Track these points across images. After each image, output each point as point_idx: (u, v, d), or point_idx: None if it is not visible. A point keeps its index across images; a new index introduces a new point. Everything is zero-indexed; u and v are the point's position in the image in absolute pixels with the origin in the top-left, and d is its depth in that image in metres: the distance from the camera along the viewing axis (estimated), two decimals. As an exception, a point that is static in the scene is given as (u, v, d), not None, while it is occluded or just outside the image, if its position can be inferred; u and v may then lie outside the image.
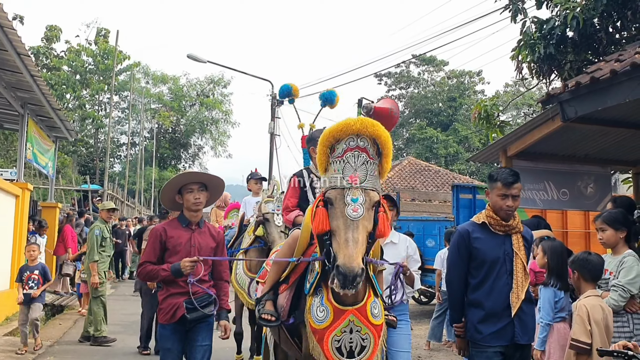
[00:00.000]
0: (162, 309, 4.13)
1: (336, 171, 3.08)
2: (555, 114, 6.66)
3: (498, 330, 3.61)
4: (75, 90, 30.61)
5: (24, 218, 10.01)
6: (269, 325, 3.70)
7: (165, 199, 4.35)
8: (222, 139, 43.33)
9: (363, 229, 3.00)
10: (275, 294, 3.77)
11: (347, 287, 2.85)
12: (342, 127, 3.07)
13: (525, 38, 9.09)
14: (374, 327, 3.27)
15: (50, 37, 29.11)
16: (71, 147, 30.27)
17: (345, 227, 2.96)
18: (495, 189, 3.71)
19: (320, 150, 3.17)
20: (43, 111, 11.00)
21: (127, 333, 8.56)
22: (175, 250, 4.07)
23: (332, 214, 3.06)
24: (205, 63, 19.82)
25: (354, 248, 2.91)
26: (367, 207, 3.03)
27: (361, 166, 3.06)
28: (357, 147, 3.08)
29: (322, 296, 3.28)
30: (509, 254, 3.68)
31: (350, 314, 3.21)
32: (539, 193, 8.50)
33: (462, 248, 3.77)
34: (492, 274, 3.66)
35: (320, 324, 3.22)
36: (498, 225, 3.71)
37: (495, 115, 10.07)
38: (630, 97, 5.16)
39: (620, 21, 8.47)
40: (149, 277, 4.29)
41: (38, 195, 17.25)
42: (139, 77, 40.03)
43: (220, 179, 4.38)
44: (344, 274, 2.83)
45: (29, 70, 8.70)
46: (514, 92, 34.54)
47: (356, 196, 3.01)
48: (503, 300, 3.63)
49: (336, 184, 3.07)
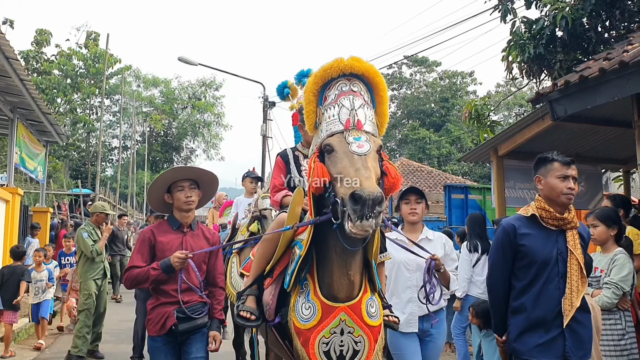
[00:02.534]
0: (150, 320, 3.71)
1: (331, 117, 2.70)
2: (545, 113, 6.69)
3: (545, 342, 3.09)
4: (66, 94, 30.40)
5: (15, 223, 9.93)
6: (248, 325, 3.20)
7: (152, 199, 3.88)
8: (215, 141, 43.23)
9: (373, 169, 2.54)
10: (260, 289, 3.28)
11: (366, 216, 2.32)
12: (332, 64, 2.71)
13: (515, 38, 9.14)
14: (369, 328, 2.81)
15: (41, 41, 28.93)
16: (63, 152, 30.07)
17: (352, 163, 2.51)
18: (552, 171, 3.21)
19: (307, 100, 2.81)
20: (33, 115, 10.94)
21: (118, 341, 8.18)
22: (164, 256, 3.62)
23: (335, 160, 2.61)
24: (196, 66, 19.77)
25: (369, 174, 2.46)
26: (373, 147, 2.62)
27: (358, 109, 2.69)
28: (351, 92, 2.72)
29: (308, 291, 2.83)
30: (563, 253, 3.16)
31: (341, 311, 2.76)
32: (530, 192, 8.55)
33: (506, 246, 3.25)
34: (542, 277, 3.14)
35: (305, 323, 2.78)
36: (551, 218, 3.20)
37: (486, 115, 10.13)
38: (619, 95, 5.18)
39: (609, 20, 8.53)
40: (137, 282, 3.68)
41: (29, 200, 17.12)
42: (130, 81, 39.87)
43: (213, 174, 3.95)
44: (362, 198, 2.30)
45: (18, 75, 8.66)
46: (505, 92, 34.67)
47: (358, 135, 2.62)
48: (553, 308, 3.10)
49: (333, 129, 2.68)
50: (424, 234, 4.15)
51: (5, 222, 9.62)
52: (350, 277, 2.78)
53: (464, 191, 11.79)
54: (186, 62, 19.30)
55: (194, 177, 3.82)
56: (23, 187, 14.81)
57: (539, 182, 3.30)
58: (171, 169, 3.94)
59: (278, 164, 4.04)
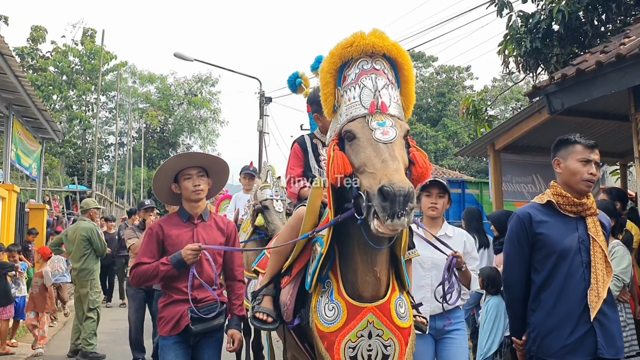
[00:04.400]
0: (162, 319, 3.42)
1: (351, 100, 2.39)
2: (542, 107, 6.69)
3: (575, 341, 2.79)
4: (62, 91, 30.37)
5: (11, 220, 9.91)
6: (264, 328, 2.96)
7: (158, 189, 3.58)
8: (211, 137, 43.15)
9: (400, 155, 2.26)
10: (276, 288, 3.03)
11: (396, 214, 2.04)
12: (351, 41, 2.40)
13: (511, 32, 9.13)
14: (399, 330, 2.53)
15: (36, 38, 28.87)
16: (59, 149, 30.01)
17: (378, 153, 2.22)
18: (574, 154, 2.96)
19: (324, 81, 2.48)
20: (29, 112, 10.89)
21: (117, 344, 7.93)
22: (175, 251, 3.35)
23: (357, 149, 2.31)
24: (192, 61, 19.75)
25: (397, 165, 2.18)
26: (399, 132, 2.32)
27: (382, 90, 2.37)
28: (373, 70, 2.40)
29: (331, 290, 2.56)
30: (585, 241, 2.89)
31: (368, 312, 2.48)
32: (527, 186, 8.57)
33: (521, 236, 2.99)
34: (563, 268, 2.87)
35: (329, 325, 2.50)
36: (569, 204, 2.94)
37: (483, 110, 10.13)
38: (615, 89, 5.18)
39: (605, 14, 8.52)
40: (146, 279, 3.39)
41: (26, 198, 17.07)
42: (125, 77, 39.74)
43: (223, 161, 3.63)
44: (392, 193, 2.03)
45: (13, 71, 8.62)
46: (502, 86, 34.67)
47: (383, 120, 2.31)
48: (579, 301, 2.82)
49: (355, 113, 2.37)
50: (444, 229, 3.89)
51: (2, 219, 9.58)
52: (376, 273, 2.52)
53: (460, 186, 11.80)
54: (182, 58, 19.26)
55: (202, 164, 3.52)
56: (19, 184, 14.75)
57: (557, 165, 3.03)
58: (177, 155, 3.61)
59: (295, 152, 3.71)
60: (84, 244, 7.33)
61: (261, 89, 20.18)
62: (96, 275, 7.47)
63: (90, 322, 7.20)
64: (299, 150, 3.68)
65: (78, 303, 7.37)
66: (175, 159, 3.54)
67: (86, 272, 7.31)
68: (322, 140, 3.58)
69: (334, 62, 2.43)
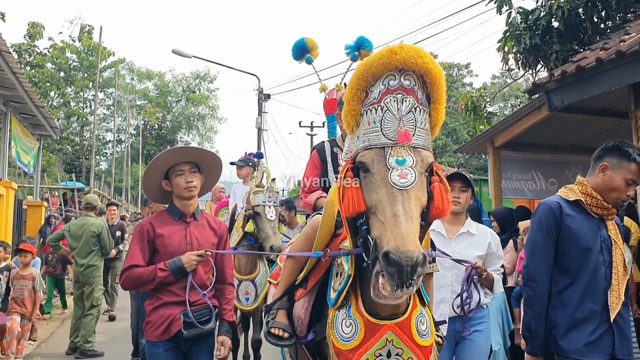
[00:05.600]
0: (150, 323, 3.18)
1: (370, 124, 2.15)
2: (541, 104, 6.68)
3: (595, 340, 2.75)
4: (60, 88, 30.31)
5: (9, 218, 9.88)
6: (281, 345, 2.76)
7: (148, 187, 3.38)
8: (209, 134, 43.17)
9: (416, 202, 2.07)
10: (290, 301, 2.85)
11: (404, 284, 1.90)
12: (382, 55, 2.12)
13: (510, 29, 9.13)
14: (420, 349, 2.37)
15: (33, 34, 28.75)
16: (56, 146, 29.96)
17: (391, 200, 2.03)
18: (626, 171, 2.83)
19: (350, 96, 2.21)
20: (26, 109, 10.85)
21: (115, 342, 7.82)
22: (167, 251, 3.18)
23: (370, 185, 2.13)
24: (190, 58, 19.73)
25: (408, 225, 1.98)
26: (420, 170, 2.11)
27: (407, 115, 2.12)
28: (401, 88, 2.13)
29: (349, 305, 2.40)
30: (607, 241, 2.85)
31: (387, 330, 2.32)
32: (527, 183, 8.56)
33: (551, 227, 2.85)
34: (589, 265, 2.81)
35: (346, 343, 2.34)
36: (596, 206, 2.87)
37: (482, 107, 10.13)
38: (615, 86, 5.17)
39: (605, 11, 8.52)
40: (140, 283, 3.16)
41: (24, 195, 17.03)
42: (123, 74, 39.72)
43: (216, 156, 3.44)
44: (398, 263, 1.88)
45: (10, 68, 8.57)
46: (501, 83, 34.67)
47: (403, 157, 2.09)
48: (601, 300, 2.79)
49: (372, 141, 2.13)
50: (466, 226, 3.66)
51: (0, 216, 9.56)
52: None
53: (459, 183, 11.81)
54: (180, 54, 19.23)
55: (195, 159, 3.32)
56: (16, 181, 14.72)
57: (602, 169, 2.88)
58: (168, 151, 3.34)
59: (313, 160, 3.52)
60: (92, 240, 7.27)
61: (260, 86, 20.17)
62: (101, 272, 7.48)
63: (90, 319, 7.17)
64: (317, 159, 3.51)
65: (79, 301, 7.30)
66: (167, 153, 3.30)
67: (93, 269, 7.27)
68: (342, 148, 3.35)
69: (364, 77, 2.17)
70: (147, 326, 3.21)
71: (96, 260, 7.32)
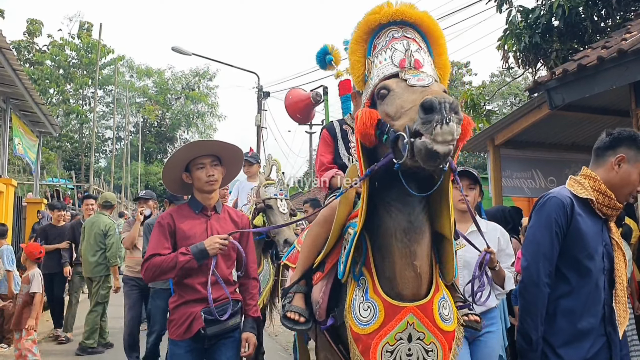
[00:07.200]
0: (173, 321, 3.14)
1: (382, 62, 2.24)
2: (542, 102, 6.68)
3: (593, 355, 2.47)
4: (59, 85, 30.25)
5: (9, 214, 9.88)
6: (296, 329, 2.64)
7: (168, 180, 3.34)
8: (209, 132, 43.08)
9: None
10: (308, 284, 2.74)
11: (445, 119, 1.80)
12: (379, 9, 2.29)
13: (511, 27, 9.13)
14: (443, 334, 2.26)
15: (32, 31, 28.73)
16: (56, 143, 29.92)
17: (416, 95, 2.01)
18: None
19: (352, 49, 2.35)
20: (26, 106, 10.86)
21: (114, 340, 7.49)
22: (187, 245, 3.11)
23: (390, 99, 2.11)
24: (190, 56, 19.69)
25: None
26: (437, 82, 2.18)
27: (415, 53, 2.22)
28: (404, 37, 2.25)
29: (366, 287, 2.30)
30: (608, 246, 2.55)
31: (408, 313, 2.21)
32: (527, 181, 8.58)
33: (560, 223, 2.49)
34: (594, 272, 2.48)
35: (364, 327, 2.24)
36: (608, 206, 2.53)
37: (481, 105, 10.12)
38: (616, 84, 5.18)
39: (605, 9, 8.53)
40: (162, 271, 3.07)
41: (23, 192, 17.02)
42: (123, 71, 39.68)
43: (238, 148, 3.36)
44: (435, 102, 1.82)
45: (10, 64, 8.59)
46: (500, 82, 34.68)
47: (417, 73, 2.13)
48: (600, 311, 2.50)
49: (386, 72, 2.21)
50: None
51: None
52: (417, 268, 2.23)
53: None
54: (180, 52, 19.20)
55: (216, 152, 3.27)
56: (16, 178, 14.72)
57: (617, 161, 2.53)
58: (190, 144, 3.31)
59: (324, 139, 3.49)
60: (100, 238, 7.24)
61: (259, 84, 20.14)
62: (109, 270, 7.36)
63: (94, 315, 7.15)
64: (328, 137, 3.48)
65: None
66: (188, 147, 3.26)
67: (102, 268, 7.25)
68: (352, 126, 3.34)
69: (363, 29, 2.33)
70: (170, 324, 3.19)
71: (104, 258, 7.29)
